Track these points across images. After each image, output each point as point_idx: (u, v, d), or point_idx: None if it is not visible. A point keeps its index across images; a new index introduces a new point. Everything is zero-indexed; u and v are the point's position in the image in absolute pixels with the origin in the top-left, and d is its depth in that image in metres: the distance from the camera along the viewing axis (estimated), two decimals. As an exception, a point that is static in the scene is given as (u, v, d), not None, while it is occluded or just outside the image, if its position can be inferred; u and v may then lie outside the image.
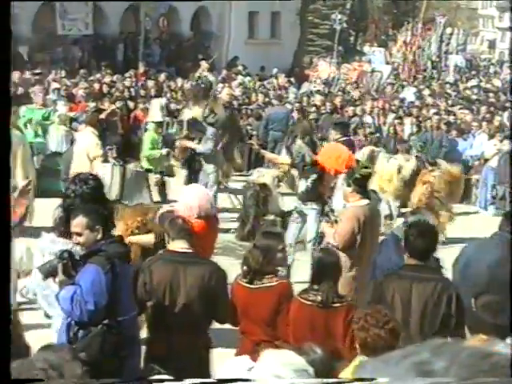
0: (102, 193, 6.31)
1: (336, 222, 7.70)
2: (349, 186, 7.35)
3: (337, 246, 6.96)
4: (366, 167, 7.67)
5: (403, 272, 5.51)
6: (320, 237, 8.39)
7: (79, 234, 5.27)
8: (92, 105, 14.44)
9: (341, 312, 5.39)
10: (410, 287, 5.36)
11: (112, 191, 8.86)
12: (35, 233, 7.04)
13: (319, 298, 5.44)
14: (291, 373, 3.54)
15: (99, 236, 5.23)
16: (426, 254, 5.47)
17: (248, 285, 5.69)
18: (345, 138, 10.30)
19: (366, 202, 7.31)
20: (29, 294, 7.40)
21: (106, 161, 9.71)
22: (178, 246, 5.68)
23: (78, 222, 5.26)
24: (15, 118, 10.86)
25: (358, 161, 8.48)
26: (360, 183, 7.30)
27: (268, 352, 3.75)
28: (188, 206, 6.56)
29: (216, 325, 5.85)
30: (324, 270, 5.54)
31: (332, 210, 8.81)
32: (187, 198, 6.72)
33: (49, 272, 5.35)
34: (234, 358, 4.85)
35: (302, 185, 9.06)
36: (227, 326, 5.97)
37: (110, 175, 9.17)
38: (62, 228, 5.89)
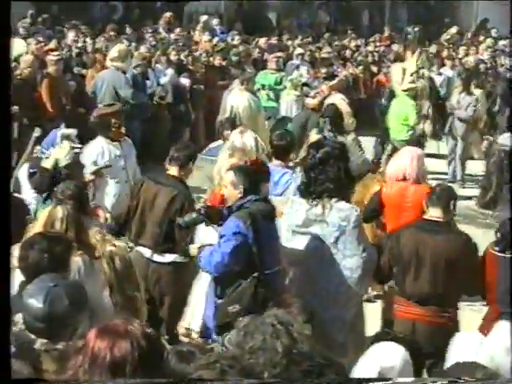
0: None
1: None
2: None
3: None
4: None
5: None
6: None
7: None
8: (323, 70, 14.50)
9: None
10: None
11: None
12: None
13: None
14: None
15: (239, 195, 5.47)
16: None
17: (501, 254, 5.52)
18: None
19: None
20: None
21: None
22: (434, 214, 5.63)
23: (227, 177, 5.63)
24: (251, 84, 11.35)
25: None
26: None
27: (502, 324, 3.63)
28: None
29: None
30: None
31: None
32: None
33: (190, 224, 5.69)
34: (464, 332, 4.73)
35: None
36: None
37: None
38: None
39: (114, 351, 2.92)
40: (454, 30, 22.62)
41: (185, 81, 13.67)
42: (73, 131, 6.99)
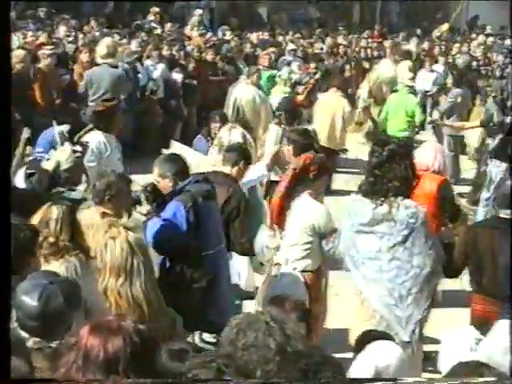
0: None
1: None
2: None
3: None
4: None
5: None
6: None
7: None
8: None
9: None
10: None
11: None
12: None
13: None
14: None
15: (170, 183, 5.58)
16: None
17: None
18: None
19: None
20: None
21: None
22: (505, 213, 5.64)
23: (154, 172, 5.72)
24: (257, 78, 11.39)
25: None
26: None
27: (502, 323, 3.62)
28: None
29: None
30: None
31: None
32: None
33: (134, 201, 5.68)
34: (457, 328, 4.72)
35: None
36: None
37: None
38: None
39: (107, 348, 2.89)
40: (445, 26, 22.69)
41: (177, 76, 13.63)
42: (66, 127, 6.95)
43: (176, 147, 8.24)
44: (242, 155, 6.69)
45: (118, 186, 5.39)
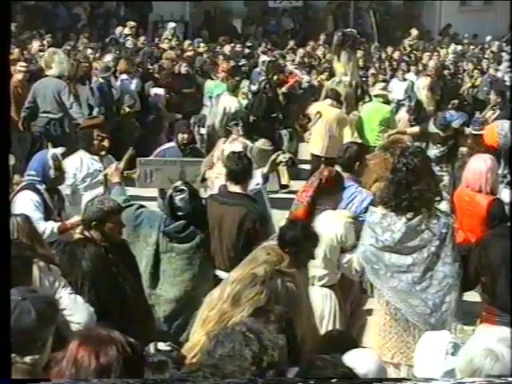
0: None
1: None
2: None
3: None
4: None
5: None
6: None
7: None
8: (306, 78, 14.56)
9: None
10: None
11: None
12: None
13: None
14: (505, 349, 3.41)
15: None
16: None
17: None
18: None
19: None
20: None
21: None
22: None
23: None
24: (238, 90, 11.56)
25: None
26: None
27: (483, 327, 3.66)
28: None
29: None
30: None
31: None
32: None
33: None
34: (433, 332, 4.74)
35: None
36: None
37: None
38: None
39: (99, 357, 2.90)
40: (414, 32, 22.82)
41: (159, 91, 13.66)
42: (61, 149, 6.85)
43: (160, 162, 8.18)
44: (247, 170, 6.54)
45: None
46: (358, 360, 3.87)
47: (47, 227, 6.30)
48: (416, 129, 11.82)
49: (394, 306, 5.62)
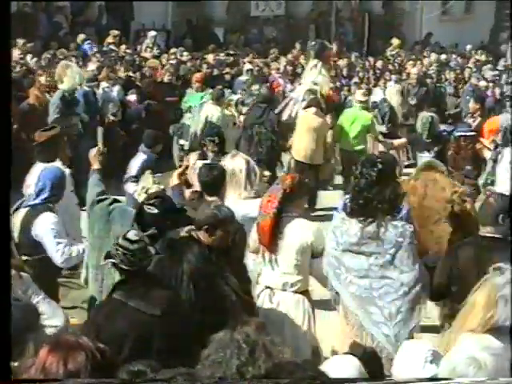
0: None
1: None
2: None
3: None
4: None
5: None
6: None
7: None
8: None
9: None
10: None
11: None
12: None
13: None
14: (489, 357, 3.43)
15: None
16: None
17: None
18: None
19: None
20: None
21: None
22: (487, 230, 5.57)
23: None
24: (222, 100, 11.59)
25: None
26: None
27: (466, 335, 3.67)
28: None
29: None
30: None
31: None
32: None
33: None
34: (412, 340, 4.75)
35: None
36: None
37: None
38: None
39: (67, 364, 2.88)
40: (395, 41, 22.94)
41: (132, 97, 13.61)
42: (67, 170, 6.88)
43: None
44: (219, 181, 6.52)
45: None
46: (338, 365, 3.88)
47: (77, 249, 6.38)
48: (403, 140, 11.98)
49: (352, 312, 5.65)
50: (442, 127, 12.06)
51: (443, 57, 22.03)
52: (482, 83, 17.73)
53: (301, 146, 11.71)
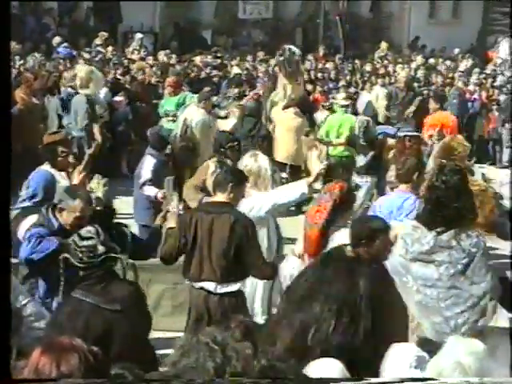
0: None
1: None
2: None
3: None
4: None
5: None
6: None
7: None
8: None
9: None
10: None
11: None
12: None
13: None
14: (475, 362, 3.43)
15: None
16: None
17: None
18: None
19: None
20: None
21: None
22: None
23: None
24: (209, 103, 11.54)
25: None
26: None
27: (453, 338, 3.67)
28: None
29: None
30: None
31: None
32: None
33: None
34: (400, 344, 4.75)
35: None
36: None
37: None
38: None
39: (60, 366, 2.87)
40: (383, 45, 23.01)
41: (118, 99, 13.59)
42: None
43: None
44: (235, 178, 6.27)
45: None
46: (322, 369, 3.87)
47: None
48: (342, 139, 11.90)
49: (417, 321, 5.56)
50: (384, 129, 11.92)
51: (431, 60, 22.09)
52: (469, 87, 17.81)
53: (282, 146, 11.69)
